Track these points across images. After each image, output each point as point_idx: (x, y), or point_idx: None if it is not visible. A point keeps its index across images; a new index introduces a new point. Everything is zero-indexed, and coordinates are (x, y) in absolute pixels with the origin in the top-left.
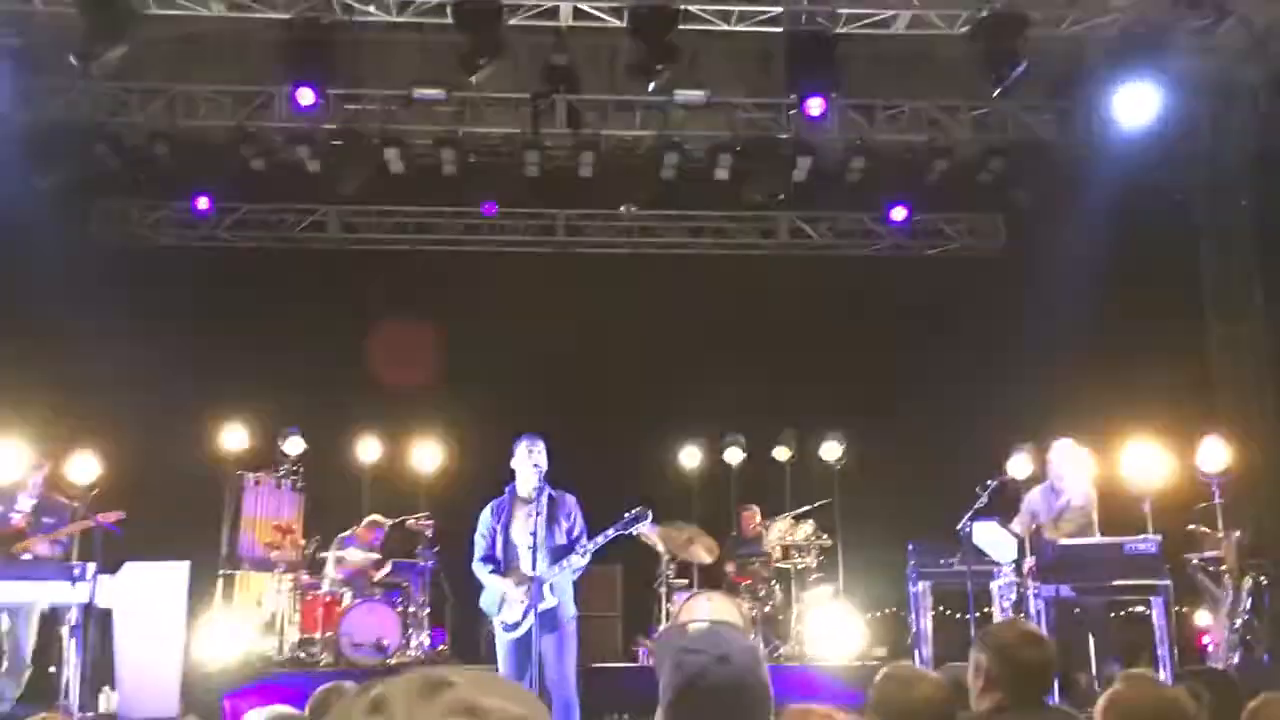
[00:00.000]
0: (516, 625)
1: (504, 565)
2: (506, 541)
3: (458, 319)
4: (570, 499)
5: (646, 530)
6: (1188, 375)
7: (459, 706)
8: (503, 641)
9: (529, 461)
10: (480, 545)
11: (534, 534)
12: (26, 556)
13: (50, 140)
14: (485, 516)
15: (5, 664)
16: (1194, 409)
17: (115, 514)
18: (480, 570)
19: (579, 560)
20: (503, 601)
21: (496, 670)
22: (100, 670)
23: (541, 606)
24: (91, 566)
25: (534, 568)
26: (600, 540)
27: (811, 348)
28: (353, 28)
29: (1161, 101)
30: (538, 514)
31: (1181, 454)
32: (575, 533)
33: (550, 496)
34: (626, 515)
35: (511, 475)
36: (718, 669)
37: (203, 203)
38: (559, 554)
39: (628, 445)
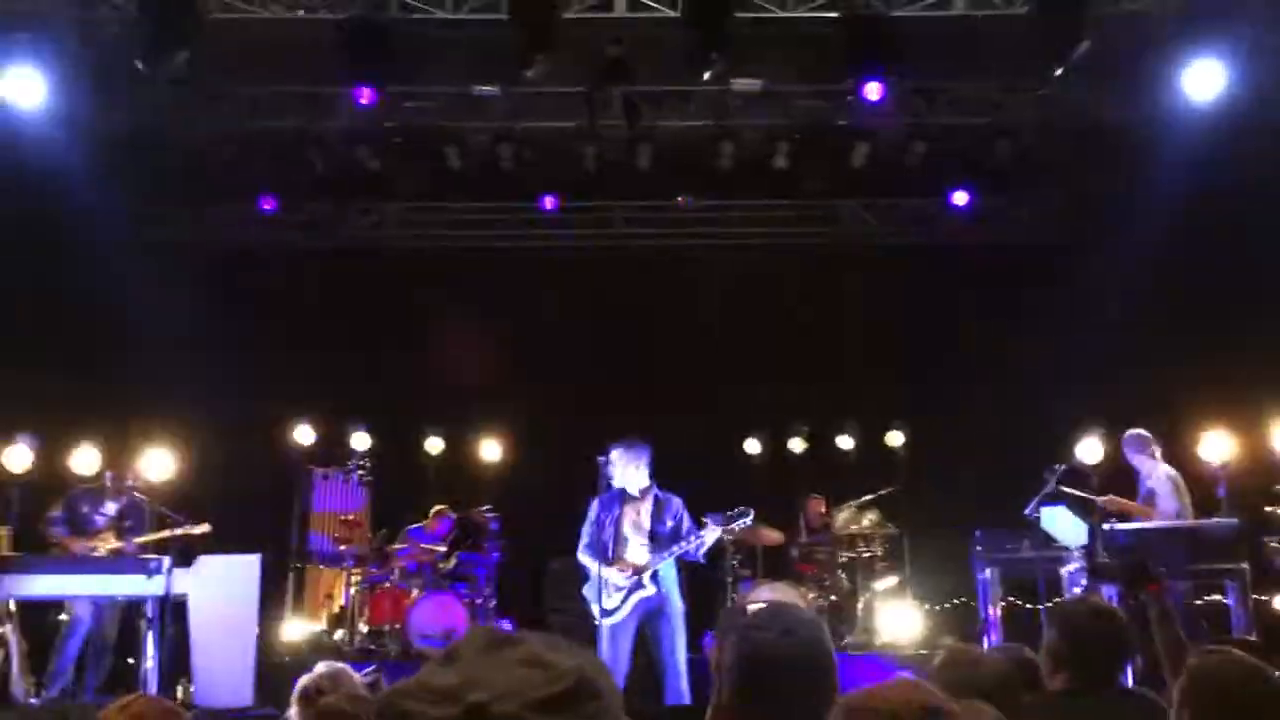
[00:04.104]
0: (614, 611)
1: (611, 555)
2: (617, 534)
3: (519, 313)
4: (677, 501)
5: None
6: (1258, 356)
7: (526, 657)
8: (602, 627)
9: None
10: (586, 534)
11: (640, 528)
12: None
13: (120, 146)
14: (594, 508)
15: (89, 651)
16: (1265, 390)
17: (203, 528)
18: (584, 557)
19: (681, 548)
20: (603, 588)
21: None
22: (177, 661)
23: (641, 594)
24: (166, 560)
25: (639, 558)
26: (705, 535)
27: (874, 334)
28: (410, 25)
29: (1230, 76)
30: (644, 511)
31: (1256, 436)
32: (683, 532)
33: (657, 497)
34: (729, 513)
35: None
36: (783, 642)
37: (269, 204)
38: (663, 549)
39: (691, 437)
